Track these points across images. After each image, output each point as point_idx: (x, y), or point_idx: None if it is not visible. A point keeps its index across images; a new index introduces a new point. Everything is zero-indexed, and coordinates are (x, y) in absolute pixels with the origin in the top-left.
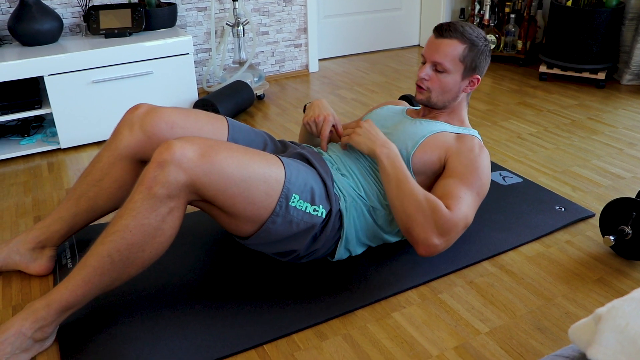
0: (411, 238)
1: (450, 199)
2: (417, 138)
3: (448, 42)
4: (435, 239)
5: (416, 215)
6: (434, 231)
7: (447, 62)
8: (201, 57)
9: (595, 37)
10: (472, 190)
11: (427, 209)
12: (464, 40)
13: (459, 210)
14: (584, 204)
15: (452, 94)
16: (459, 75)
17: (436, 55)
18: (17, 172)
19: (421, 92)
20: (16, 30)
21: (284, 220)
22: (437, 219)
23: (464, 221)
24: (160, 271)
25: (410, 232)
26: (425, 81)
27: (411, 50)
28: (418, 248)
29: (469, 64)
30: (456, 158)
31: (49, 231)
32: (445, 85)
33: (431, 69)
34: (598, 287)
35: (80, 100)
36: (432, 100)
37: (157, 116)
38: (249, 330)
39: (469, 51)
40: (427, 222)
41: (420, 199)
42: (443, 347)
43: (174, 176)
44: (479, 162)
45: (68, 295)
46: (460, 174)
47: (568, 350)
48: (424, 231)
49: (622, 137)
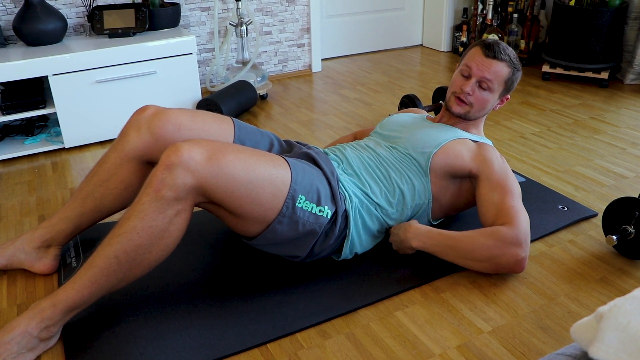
0: (504, 270)
1: (506, 215)
2: (439, 140)
3: (499, 63)
4: (520, 252)
5: (493, 252)
6: (514, 248)
7: (495, 83)
8: (204, 57)
9: (599, 37)
10: (515, 195)
11: (492, 243)
12: (511, 64)
13: (518, 218)
14: (586, 204)
15: (487, 110)
16: (497, 95)
17: (487, 73)
18: (22, 172)
19: (461, 106)
20: (21, 31)
21: (290, 220)
22: (508, 240)
23: (525, 223)
24: (164, 270)
25: (500, 268)
26: (469, 96)
27: (414, 50)
28: (515, 270)
29: (508, 86)
30: (487, 170)
31: (54, 230)
32: (485, 102)
33: (476, 85)
34: (601, 286)
35: (84, 100)
36: (470, 115)
37: (164, 118)
38: (252, 329)
39: (512, 75)
40: (502, 247)
41: (482, 240)
42: (446, 345)
43: (181, 179)
44: (507, 167)
45: (74, 296)
46: (499, 185)
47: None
48: (507, 255)
49: (625, 137)
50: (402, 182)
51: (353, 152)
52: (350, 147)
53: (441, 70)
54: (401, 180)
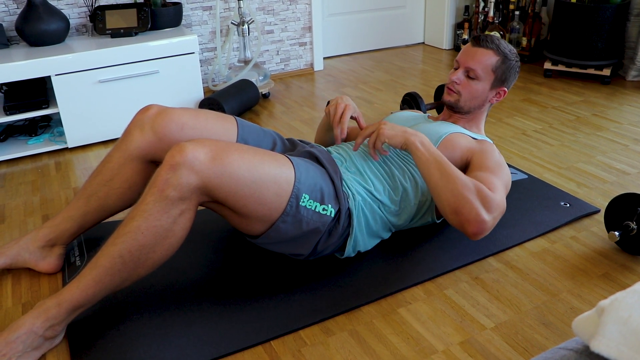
0: (460, 217)
1: (488, 184)
2: (439, 135)
3: (484, 51)
4: (485, 214)
5: (465, 193)
6: (483, 207)
7: (480, 70)
8: (206, 56)
9: (600, 34)
10: (502, 182)
11: (472, 187)
12: (499, 53)
13: (499, 193)
14: (589, 200)
15: (479, 101)
16: (488, 84)
17: (471, 61)
18: (25, 172)
19: (450, 94)
20: (23, 31)
21: (294, 219)
22: (483, 196)
23: (503, 204)
24: (168, 269)
25: (459, 211)
26: (457, 85)
27: (416, 48)
28: (469, 226)
29: (499, 76)
30: (481, 156)
31: (58, 230)
32: (474, 91)
33: (463, 74)
34: (603, 282)
35: (87, 100)
36: (460, 104)
37: (168, 117)
38: (255, 326)
39: (501, 63)
40: (475, 199)
41: (465, 178)
42: (449, 342)
43: (185, 179)
44: (502, 163)
45: (79, 295)
46: (488, 167)
47: (572, 343)
48: (474, 207)
49: (627, 133)
50: (405, 179)
51: (355, 151)
52: (353, 145)
53: (443, 68)
54: (404, 178)
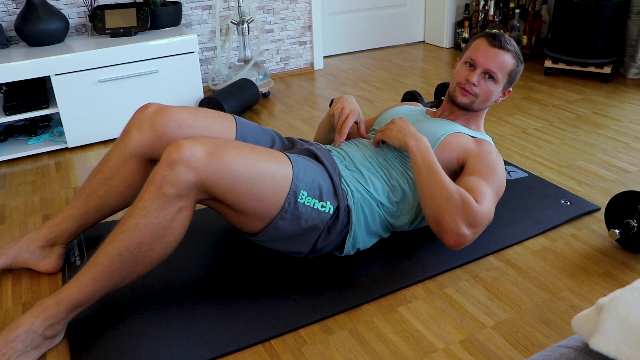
0: (440, 228)
1: (477, 193)
2: (438, 136)
3: (505, 54)
4: (464, 229)
5: (446, 205)
6: (464, 221)
7: (501, 73)
8: (206, 55)
9: (601, 32)
10: (493, 189)
11: (457, 200)
12: (515, 56)
13: (486, 204)
14: (589, 198)
15: (490, 102)
16: (501, 86)
17: (492, 64)
18: (25, 172)
19: (466, 96)
20: (23, 31)
21: (292, 216)
22: (467, 209)
23: (489, 215)
24: (167, 268)
25: (439, 222)
26: (475, 87)
27: (416, 47)
28: (447, 238)
29: (512, 78)
30: (476, 159)
31: (58, 229)
32: (490, 93)
33: (481, 76)
34: (603, 280)
35: (86, 100)
36: (475, 105)
37: (166, 115)
38: (256, 325)
39: (516, 66)
40: (457, 212)
41: (451, 189)
42: (449, 340)
43: (183, 176)
44: (497, 165)
45: (78, 293)
46: (480, 172)
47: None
48: (454, 220)
49: (628, 131)
50: (403, 181)
51: (356, 149)
52: (353, 144)
53: (443, 66)
54: (403, 180)
